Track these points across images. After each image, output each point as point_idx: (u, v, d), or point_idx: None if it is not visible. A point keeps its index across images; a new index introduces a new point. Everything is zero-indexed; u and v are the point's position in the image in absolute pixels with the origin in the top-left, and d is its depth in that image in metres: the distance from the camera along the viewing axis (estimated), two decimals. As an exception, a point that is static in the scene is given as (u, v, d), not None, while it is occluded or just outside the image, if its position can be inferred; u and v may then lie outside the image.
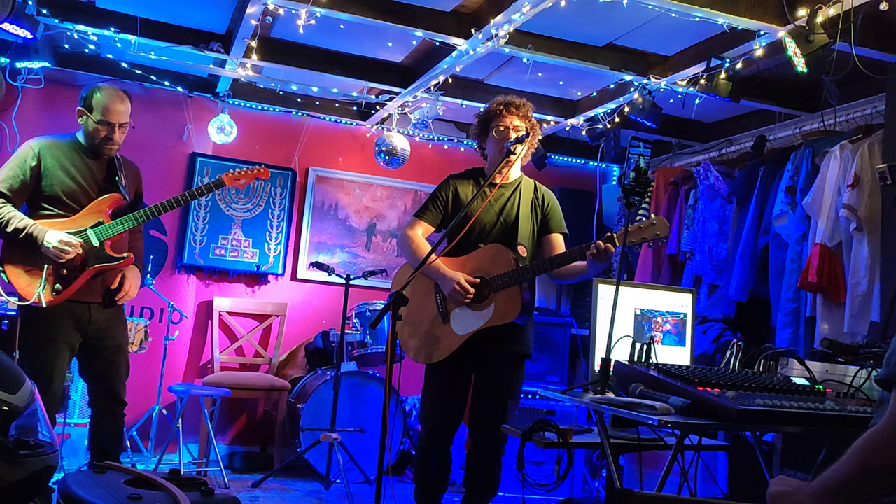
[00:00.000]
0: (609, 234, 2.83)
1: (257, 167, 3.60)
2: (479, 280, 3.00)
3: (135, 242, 3.41)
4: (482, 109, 3.27)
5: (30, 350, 3.10)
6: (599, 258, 2.80)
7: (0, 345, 3.40)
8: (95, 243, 3.15)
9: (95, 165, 3.25)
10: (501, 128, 3.11)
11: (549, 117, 5.15)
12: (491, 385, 3.09)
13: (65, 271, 3.11)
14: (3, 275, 3.08)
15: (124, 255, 3.24)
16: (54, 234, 3.06)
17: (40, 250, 3.06)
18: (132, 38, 4.27)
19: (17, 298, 3.06)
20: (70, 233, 3.11)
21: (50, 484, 2.06)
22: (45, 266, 3.08)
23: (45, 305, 3.05)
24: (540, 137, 3.37)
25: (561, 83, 4.75)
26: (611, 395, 2.29)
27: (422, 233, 3.17)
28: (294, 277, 5.60)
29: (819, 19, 3.16)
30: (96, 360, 3.26)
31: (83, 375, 3.35)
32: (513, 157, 3.00)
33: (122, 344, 3.34)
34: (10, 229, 3.04)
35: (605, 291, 2.74)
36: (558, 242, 3.18)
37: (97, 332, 3.23)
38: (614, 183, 6.00)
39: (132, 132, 3.35)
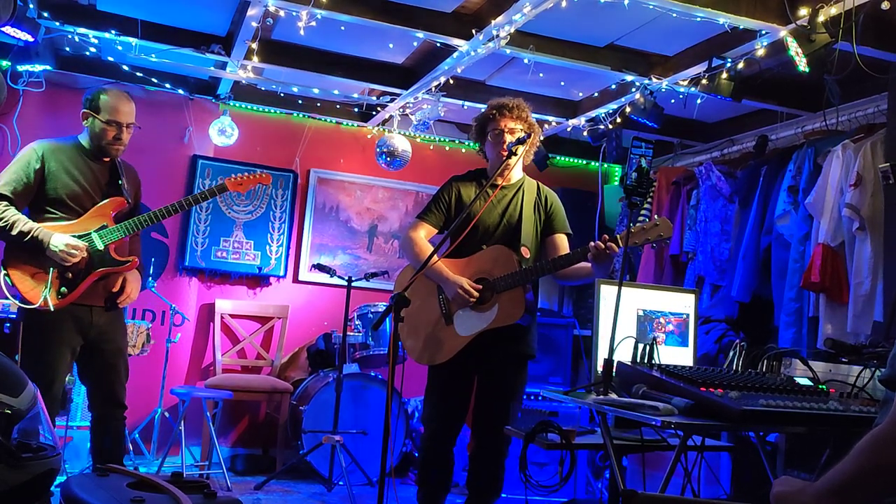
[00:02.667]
0: (606, 235, 2.82)
1: (259, 172, 3.59)
2: (482, 284, 2.99)
3: (134, 246, 3.41)
4: (479, 113, 3.26)
5: (32, 353, 3.09)
6: (601, 259, 2.78)
7: (2, 348, 3.40)
8: (100, 247, 3.16)
9: (98, 169, 3.25)
10: (496, 131, 3.11)
11: (550, 118, 5.15)
12: (494, 387, 3.08)
13: (70, 275, 3.11)
14: (7, 278, 3.07)
15: (129, 258, 3.26)
16: (60, 238, 3.05)
17: (46, 254, 3.05)
18: (133, 40, 4.28)
19: (19, 301, 3.05)
20: (74, 236, 3.11)
21: (52, 488, 2.06)
22: (51, 269, 3.08)
23: (52, 308, 3.05)
24: (541, 137, 3.36)
25: (562, 84, 4.75)
26: (613, 396, 2.29)
27: (424, 235, 3.16)
28: (296, 279, 5.60)
29: (820, 19, 3.16)
30: (96, 362, 3.26)
31: (82, 378, 3.35)
32: (512, 160, 3.00)
33: (122, 347, 3.34)
34: (14, 232, 3.03)
35: (607, 292, 2.74)
36: (562, 243, 3.17)
37: (98, 334, 3.23)
38: (616, 183, 5.99)
39: (134, 134, 3.34)
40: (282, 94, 5.23)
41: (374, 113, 5.47)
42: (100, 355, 3.25)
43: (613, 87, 4.63)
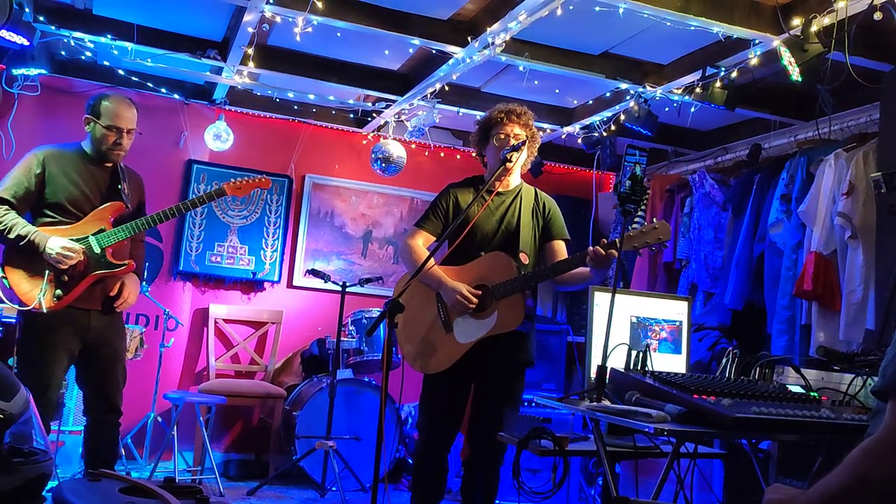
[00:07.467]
0: (606, 241, 2.84)
1: (258, 177, 3.62)
2: (480, 291, 2.98)
3: (136, 250, 3.42)
4: (483, 116, 3.26)
5: (28, 356, 3.11)
6: (600, 264, 2.80)
7: (-5, 352, 3.37)
8: (97, 250, 3.18)
9: (99, 174, 3.28)
10: (502, 136, 3.11)
11: (545, 125, 5.16)
12: (492, 394, 3.07)
13: (66, 277, 3.12)
14: (4, 280, 3.10)
15: (125, 262, 3.26)
16: (56, 241, 3.08)
17: (42, 256, 3.08)
18: (129, 45, 4.27)
19: (17, 304, 3.07)
20: (72, 240, 3.13)
21: (44, 493, 2.05)
22: (47, 272, 3.09)
23: (45, 311, 3.07)
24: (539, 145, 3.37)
25: (557, 91, 4.77)
26: (607, 402, 2.29)
27: (423, 242, 3.15)
28: (290, 285, 5.59)
29: (813, 28, 3.18)
30: (94, 367, 3.26)
31: (79, 382, 3.35)
32: (509, 165, 3.00)
33: (120, 351, 3.35)
34: (12, 236, 3.06)
35: (601, 299, 2.74)
36: (561, 249, 3.17)
37: (96, 339, 3.23)
38: (610, 191, 6.01)
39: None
40: (277, 100, 5.23)
41: (369, 119, 5.48)
42: (98, 359, 3.25)
43: (608, 94, 4.65)
